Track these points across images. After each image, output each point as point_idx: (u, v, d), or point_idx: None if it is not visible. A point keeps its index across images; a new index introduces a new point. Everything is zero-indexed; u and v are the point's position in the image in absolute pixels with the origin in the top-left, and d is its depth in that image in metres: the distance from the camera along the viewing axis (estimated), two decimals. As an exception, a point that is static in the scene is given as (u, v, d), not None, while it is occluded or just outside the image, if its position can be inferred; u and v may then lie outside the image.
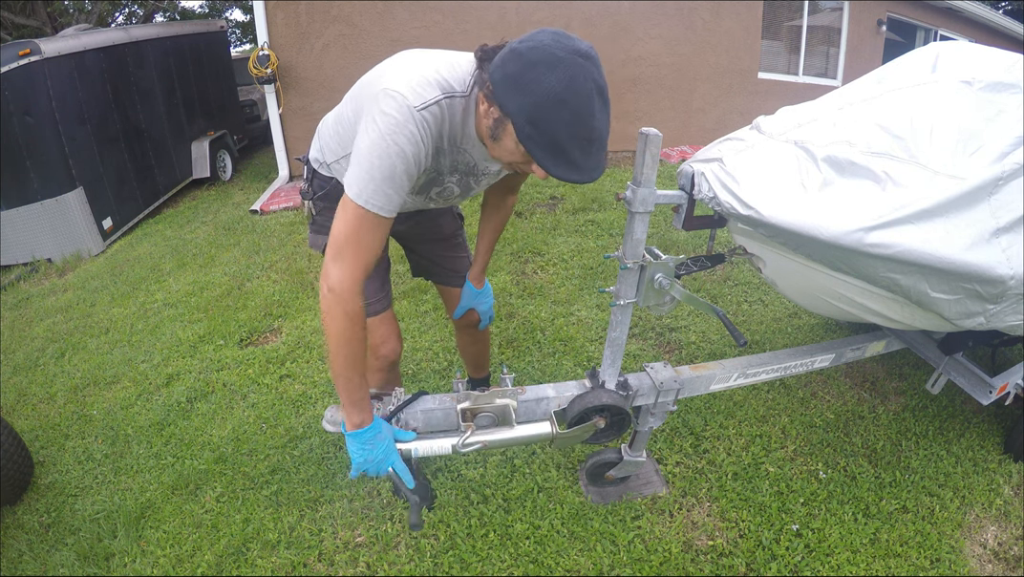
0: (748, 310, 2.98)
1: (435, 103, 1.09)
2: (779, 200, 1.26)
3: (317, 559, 1.71)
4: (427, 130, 1.09)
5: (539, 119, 0.96)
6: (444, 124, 1.13)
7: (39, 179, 4.69)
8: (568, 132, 0.97)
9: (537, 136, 0.97)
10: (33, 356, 3.13)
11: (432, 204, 1.40)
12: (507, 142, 1.06)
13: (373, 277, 1.59)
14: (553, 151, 0.98)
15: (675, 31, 6.63)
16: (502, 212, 1.65)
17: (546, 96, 0.94)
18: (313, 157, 1.51)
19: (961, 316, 1.34)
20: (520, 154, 1.06)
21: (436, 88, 1.09)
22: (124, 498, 2.00)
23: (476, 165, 1.28)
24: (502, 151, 1.09)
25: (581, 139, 0.98)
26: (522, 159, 1.07)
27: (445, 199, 1.41)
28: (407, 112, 1.05)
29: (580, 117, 0.97)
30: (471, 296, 1.73)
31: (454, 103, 1.12)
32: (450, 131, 1.16)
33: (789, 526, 1.73)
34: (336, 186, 1.49)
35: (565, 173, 1.00)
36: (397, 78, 1.09)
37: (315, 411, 2.33)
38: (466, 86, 1.13)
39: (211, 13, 16.13)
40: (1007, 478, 1.92)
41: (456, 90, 1.12)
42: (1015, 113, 1.25)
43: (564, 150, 0.98)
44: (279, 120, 5.99)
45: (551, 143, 0.98)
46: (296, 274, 3.71)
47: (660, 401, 1.59)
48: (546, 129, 0.96)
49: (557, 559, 1.65)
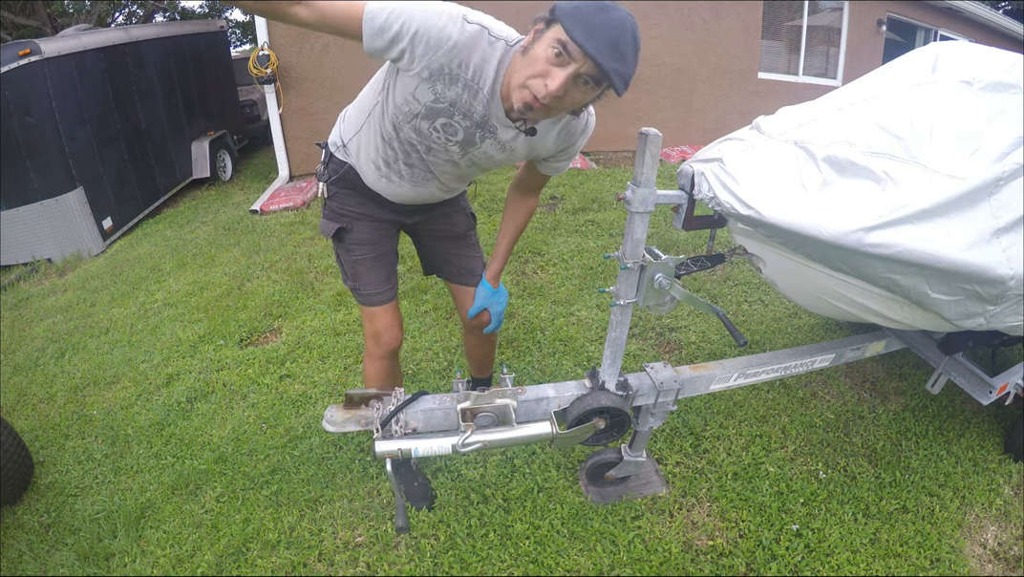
0: (748, 310, 2.98)
1: (482, 27, 1.17)
2: (779, 200, 1.26)
3: (317, 559, 1.71)
4: (461, 35, 1.15)
5: (582, 12, 1.06)
6: (475, 53, 1.18)
7: (39, 179, 4.69)
8: (604, 29, 1.05)
9: (578, 18, 1.05)
10: (33, 356, 3.13)
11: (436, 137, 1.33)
12: (539, 48, 1.10)
13: (380, 268, 1.60)
14: (589, 31, 1.04)
15: (675, 31, 6.63)
16: (523, 214, 1.64)
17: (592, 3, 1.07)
18: (332, 140, 1.55)
19: (961, 317, 1.33)
20: (544, 59, 1.09)
21: (488, 22, 1.19)
22: (124, 498, 2.00)
23: (488, 120, 1.27)
24: (526, 64, 1.12)
25: (612, 41, 1.05)
26: (542, 67, 1.10)
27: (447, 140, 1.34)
28: (458, 12, 1.15)
29: (614, 28, 1.05)
30: (487, 296, 1.71)
31: (496, 44, 1.19)
32: (479, 66, 1.19)
33: (789, 526, 1.73)
34: (349, 171, 1.51)
35: (592, 48, 1.04)
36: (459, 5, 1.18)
37: (315, 411, 2.33)
38: (513, 40, 1.20)
39: (211, 13, 16.13)
40: (1007, 478, 1.92)
41: (502, 36, 1.20)
42: (1015, 113, 1.25)
43: (598, 36, 1.04)
44: (279, 120, 5.98)
45: (588, 25, 1.05)
46: (296, 274, 3.71)
47: (660, 401, 1.60)
48: (586, 19, 1.05)
49: (557, 559, 1.65)
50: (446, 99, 1.23)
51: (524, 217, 1.64)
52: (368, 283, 1.60)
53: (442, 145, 1.35)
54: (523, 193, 1.62)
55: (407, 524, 1.43)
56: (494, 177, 5.20)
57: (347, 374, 2.57)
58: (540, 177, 1.55)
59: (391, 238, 1.66)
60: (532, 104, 1.13)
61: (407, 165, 1.42)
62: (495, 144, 1.33)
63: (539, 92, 1.11)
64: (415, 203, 1.56)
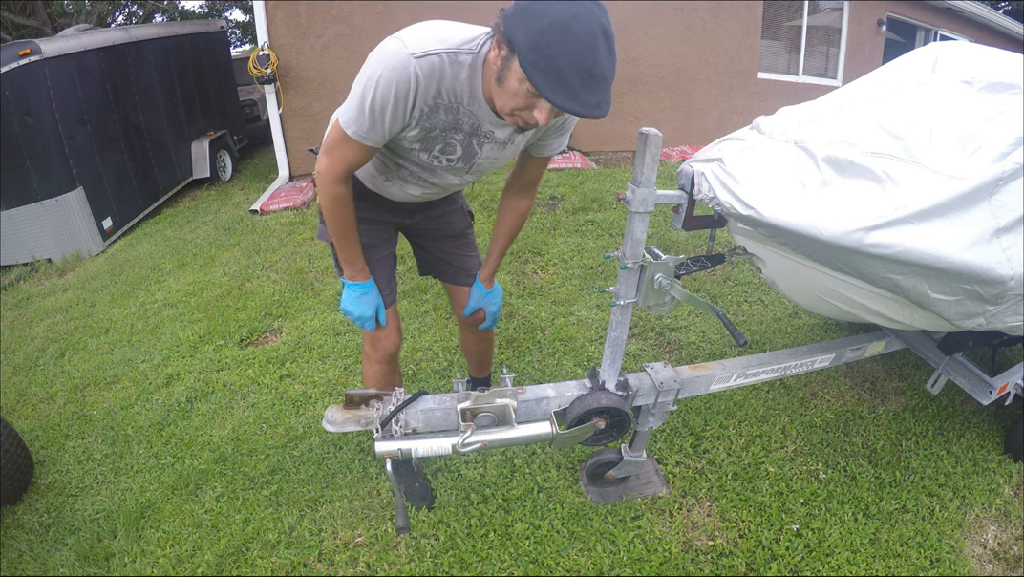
0: (748, 310, 2.98)
1: (434, 55, 1.13)
2: (779, 200, 1.26)
3: (317, 559, 1.71)
4: (419, 79, 1.13)
5: (543, 45, 0.98)
6: (442, 78, 1.16)
7: (39, 179, 4.69)
8: (571, 61, 0.98)
9: (540, 62, 0.98)
10: (33, 356, 3.13)
11: (437, 163, 1.37)
12: (511, 82, 1.07)
13: (378, 272, 1.60)
14: (555, 79, 0.99)
15: (675, 31, 6.63)
16: (517, 215, 1.62)
17: (551, 23, 0.97)
18: None
19: (961, 317, 1.33)
20: (523, 95, 1.07)
21: (439, 43, 1.14)
22: (124, 498, 2.00)
23: (480, 126, 1.28)
24: (506, 95, 1.11)
25: (583, 71, 0.99)
26: (524, 102, 1.08)
27: (449, 161, 1.37)
28: (405, 57, 1.11)
29: (583, 48, 0.98)
30: (481, 295, 1.72)
31: (458, 59, 1.16)
32: (451, 87, 1.18)
33: (789, 526, 1.73)
34: None
35: (564, 101, 1.01)
36: (405, 30, 1.16)
37: (315, 411, 2.33)
38: (476, 45, 1.17)
39: (211, 13, 16.12)
40: (1007, 478, 1.92)
41: (462, 49, 1.16)
42: (1015, 113, 1.25)
43: (566, 79, 0.99)
44: (279, 120, 5.99)
45: (553, 71, 0.98)
46: (296, 274, 3.71)
47: (660, 401, 1.59)
48: (549, 55, 0.98)
49: (557, 559, 1.65)
50: (435, 127, 1.25)
51: (516, 221, 1.63)
52: None
53: (445, 167, 1.39)
54: (516, 193, 1.60)
55: (407, 524, 1.43)
56: (493, 177, 5.20)
57: (347, 374, 2.57)
58: (535, 169, 1.54)
59: (390, 241, 1.65)
60: (525, 128, 1.17)
61: (409, 174, 1.43)
62: (494, 146, 1.35)
63: (530, 121, 1.13)
64: (415, 202, 1.56)
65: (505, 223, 1.63)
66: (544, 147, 1.45)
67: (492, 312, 1.74)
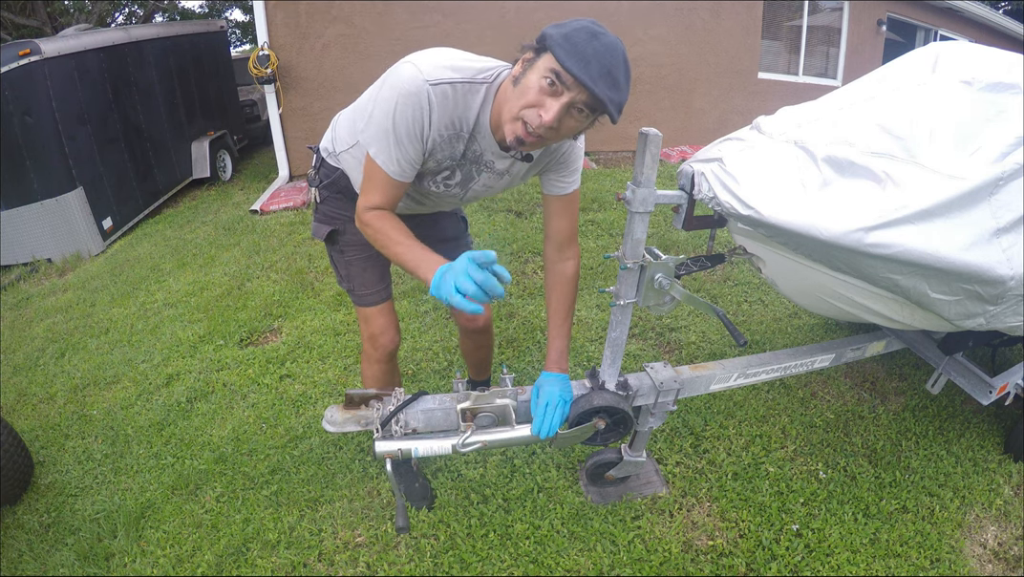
0: (748, 310, 2.98)
1: (448, 84, 1.14)
2: (779, 200, 1.26)
3: (317, 559, 1.71)
4: (432, 105, 1.14)
5: (573, 36, 1.04)
6: (455, 108, 1.17)
7: (39, 179, 4.69)
8: (595, 54, 1.03)
9: (568, 47, 1.03)
10: (33, 356, 3.13)
11: (435, 188, 1.36)
12: (530, 78, 1.09)
13: (373, 268, 1.60)
14: (581, 60, 1.03)
15: (675, 31, 6.63)
16: (563, 282, 1.47)
17: (582, 27, 1.06)
18: (323, 147, 1.55)
19: (961, 317, 1.33)
20: (536, 88, 1.07)
21: (453, 72, 1.15)
22: (124, 498, 2.00)
23: (483, 155, 1.29)
24: (517, 94, 1.11)
25: (604, 68, 1.04)
26: (535, 97, 1.08)
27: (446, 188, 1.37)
28: (420, 82, 1.12)
29: (607, 52, 1.04)
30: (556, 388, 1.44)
31: (472, 88, 1.17)
32: (463, 115, 1.19)
33: (789, 526, 1.73)
34: (341, 177, 1.50)
35: (585, 78, 1.02)
36: (420, 55, 1.16)
37: (315, 411, 2.33)
38: (491, 75, 1.18)
39: (211, 13, 16.12)
40: (1007, 478, 1.92)
41: (476, 79, 1.17)
42: (1015, 113, 1.25)
43: (588, 63, 1.03)
44: (279, 120, 5.98)
45: (580, 54, 1.03)
46: (296, 274, 3.71)
47: (660, 401, 1.59)
48: (578, 42, 1.04)
49: (557, 559, 1.65)
50: (445, 158, 1.26)
51: (566, 289, 1.48)
52: (362, 283, 1.61)
53: (442, 192, 1.40)
54: (556, 258, 1.47)
55: (407, 524, 1.43)
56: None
57: (347, 374, 2.57)
58: (561, 219, 1.43)
59: None
60: (524, 138, 1.12)
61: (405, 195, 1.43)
62: (492, 175, 1.36)
63: (533, 122, 1.09)
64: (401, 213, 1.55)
65: (554, 296, 1.49)
66: (551, 183, 1.40)
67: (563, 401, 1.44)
